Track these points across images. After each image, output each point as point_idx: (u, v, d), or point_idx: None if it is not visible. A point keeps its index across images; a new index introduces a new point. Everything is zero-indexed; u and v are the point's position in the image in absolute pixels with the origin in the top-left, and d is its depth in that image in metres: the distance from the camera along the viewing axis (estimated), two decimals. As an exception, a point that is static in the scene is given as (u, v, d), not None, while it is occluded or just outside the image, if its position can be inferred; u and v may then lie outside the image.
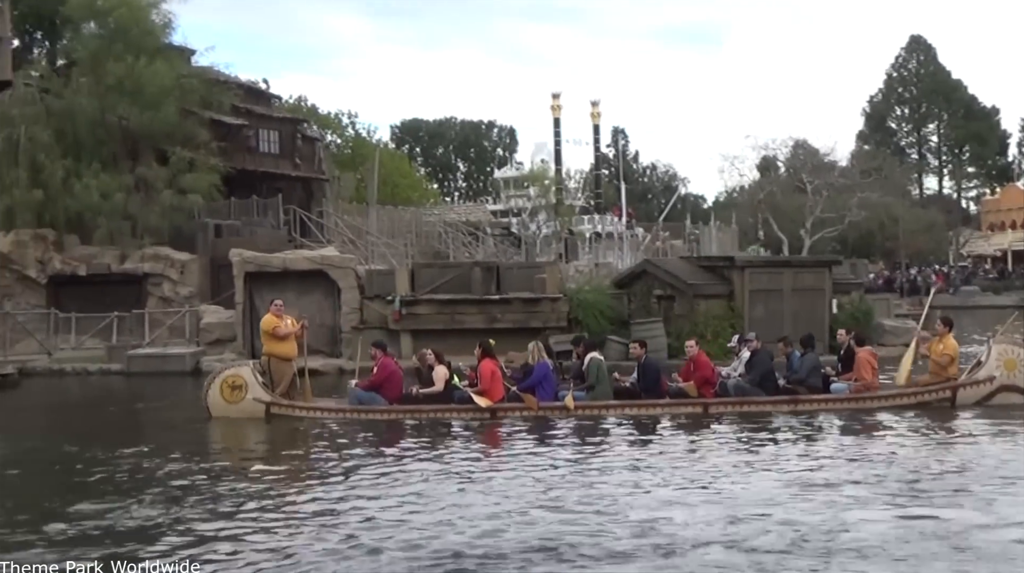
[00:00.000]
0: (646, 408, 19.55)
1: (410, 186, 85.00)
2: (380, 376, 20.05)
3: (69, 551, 10.02)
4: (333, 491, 12.92)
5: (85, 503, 12.31)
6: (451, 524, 10.89)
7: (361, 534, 10.54)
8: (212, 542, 10.43)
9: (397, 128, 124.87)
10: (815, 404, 19.61)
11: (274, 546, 10.25)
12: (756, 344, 20.85)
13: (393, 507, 11.82)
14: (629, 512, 11.27)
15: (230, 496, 12.72)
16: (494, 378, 19.55)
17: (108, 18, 42.98)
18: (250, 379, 19.98)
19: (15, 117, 40.76)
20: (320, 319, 33.65)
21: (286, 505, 12.29)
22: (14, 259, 39.32)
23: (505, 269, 35.47)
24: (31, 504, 12.82)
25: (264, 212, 44.62)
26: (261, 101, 54.24)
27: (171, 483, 13.70)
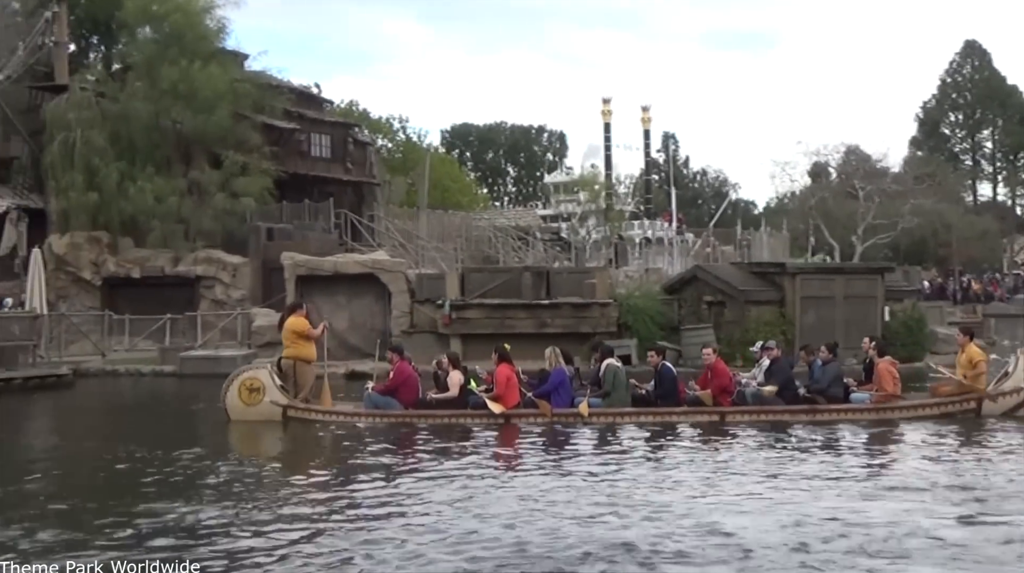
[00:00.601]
0: (662, 416, 19.25)
1: (460, 190, 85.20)
2: (396, 380, 20.04)
3: (129, 553, 10.08)
4: (388, 495, 12.95)
5: (146, 503, 12.41)
6: (511, 526, 10.88)
7: (424, 541, 10.54)
8: (276, 545, 10.48)
9: (447, 133, 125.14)
10: (834, 414, 19.21)
11: (334, 548, 10.28)
12: (776, 352, 20.48)
13: (448, 510, 11.83)
14: (695, 517, 11.18)
15: (284, 498, 12.79)
16: (509, 384, 19.42)
17: (163, 23, 43.45)
18: (268, 382, 19.97)
19: (71, 121, 41.24)
20: (370, 323, 33.83)
21: (339, 507, 12.31)
22: (69, 261, 39.77)
23: (555, 274, 35.45)
24: (93, 504, 12.91)
25: (316, 216, 44.83)
26: (313, 105, 54.51)
27: (225, 484, 13.78)
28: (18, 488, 13.84)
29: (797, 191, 78.30)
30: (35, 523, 11.35)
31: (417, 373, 20.76)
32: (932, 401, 19.62)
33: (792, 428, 18.15)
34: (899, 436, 17.52)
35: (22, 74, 46.13)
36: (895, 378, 19.82)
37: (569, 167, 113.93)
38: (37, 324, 32.56)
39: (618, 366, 20.13)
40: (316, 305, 33.81)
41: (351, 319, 34.06)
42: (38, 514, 11.97)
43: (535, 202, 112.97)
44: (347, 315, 34.11)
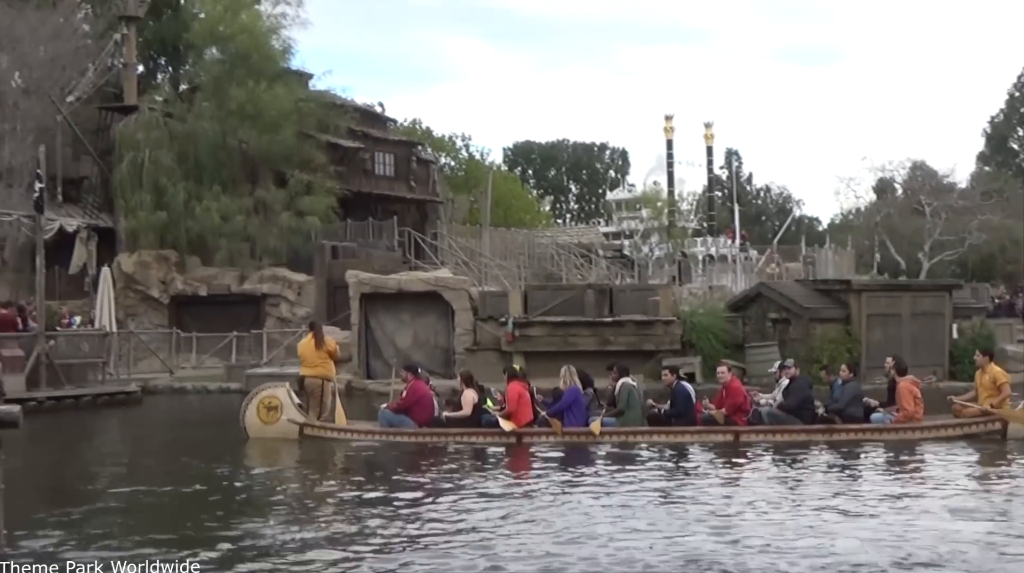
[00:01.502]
0: (675, 435, 18.98)
1: (522, 208, 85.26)
2: (410, 399, 20.10)
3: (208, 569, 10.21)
4: (435, 513, 13.00)
5: (222, 520, 12.55)
6: (604, 546, 10.86)
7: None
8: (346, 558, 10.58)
9: (510, 150, 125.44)
10: (852, 434, 18.77)
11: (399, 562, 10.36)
12: (793, 371, 20.15)
13: (509, 527, 11.86)
14: (788, 541, 11.09)
15: (347, 515, 12.88)
16: (521, 402, 19.32)
17: (230, 44, 43.96)
18: (285, 400, 20.12)
19: (140, 141, 41.87)
20: (434, 340, 33.95)
21: (395, 525, 12.39)
22: (138, 279, 40.34)
23: (618, 291, 35.40)
24: (169, 521, 13.07)
25: (379, 234, 45.14)
26: (377, 124, 54.90)
27: (297, 500, 13.90)
28: (93, 506, 14.04)
29: (862, 207, 77.91)
30: (111, 541, 11.52)
31: (434, 391, 20.92)
32: (955, 422, 19.18)
33: (808, 448, 17.87)
34: (923, 457, 17.12)
35: (92, 95, 46.90)
36: (916, 397, 19.25)
37: (631, 184, 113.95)
38: (106, 342, 33.02)
39: (633, 385, 19.95)
40: (380, 322, 34.11)
41: (415, 337, 34.19)
42: (109, 532, 12.14)
43: (597, 219, 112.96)
44: (411, 333, 34.24)
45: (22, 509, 12.15)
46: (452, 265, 43.70)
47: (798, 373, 20.28)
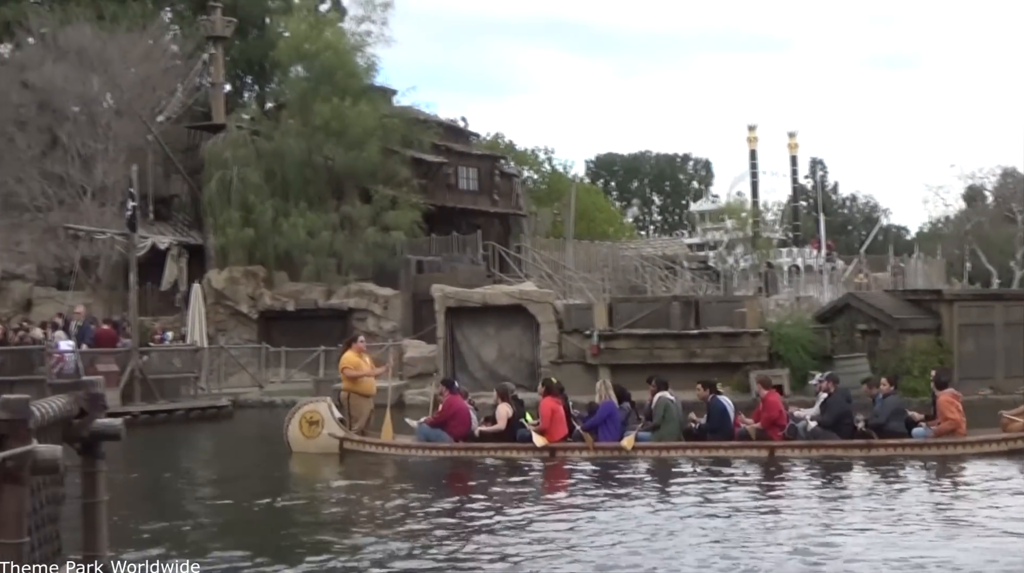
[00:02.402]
0: (709, 450, 18.77)
1: (606, 220, 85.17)
2: (445, 413, 20.17)
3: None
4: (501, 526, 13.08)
5: (309, 533, 12.74)
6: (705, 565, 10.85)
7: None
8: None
9: (592, 163, 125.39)
10: (892, 449, 18.29)
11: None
12: (830, 385, 19.82)
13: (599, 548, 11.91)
14: None
15: (439, 531, 13.00)
16: (554, 416, 19.30)
17: (315, 62, 44.47)
18: (327, 414, 20.36)
19: (228, 159, 42.45)
20: (519, 353, 34.07)
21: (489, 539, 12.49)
22: (227, 295, 40.92)
23: (704, 303, 35.29)
24: (262, 533, 13.30)
25: (464, 248, 45.35)
26: (460, 139, 55.18)
27: (382, 515, 14.06)
28: (187, 518, 14.30)
29: (951, 216, 76.81)
30: (204, 551, 11.75)
31: (472, 405, 21.02)
32: (1000, 437, 18.59)
33: (845, 464, 17.54)
34: (965, 472, 16.70)
35: (181, 115, 47.72)
36: (959, 410, 18.75)
37: (715, 195, 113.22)
38: (198, 357, 33.61)
39: (670, 399, 19.63)
40: (465, 336, 34.30)
41: (500, 350, 34.34)
42: (202, 544, 12.37)
43: (681, 231, 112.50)
44: (496, 346, 34.40)
45: (121, 521, 12.45)
46: (536, 278, 43.75)
47: (835, 387, 19.92)
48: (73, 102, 42.82)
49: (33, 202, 41.55)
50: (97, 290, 41.31)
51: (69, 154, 41.98)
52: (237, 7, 52.20)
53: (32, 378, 27.29)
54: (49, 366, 29.27)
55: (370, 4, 46.86)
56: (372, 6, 46.75)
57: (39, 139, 42.27)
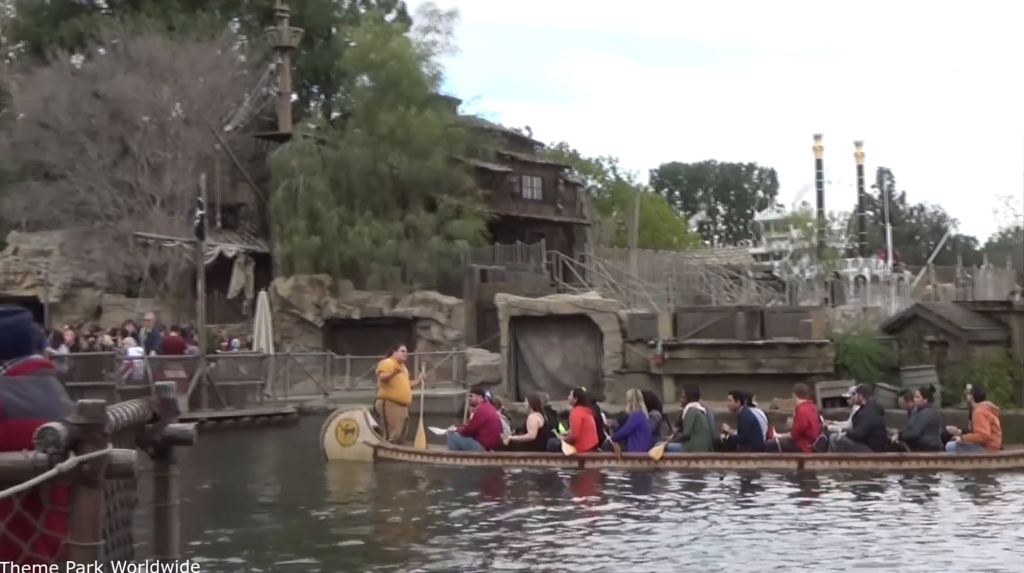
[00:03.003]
0: (738, 461, 18.76)
1: (670, 229, 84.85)
2: (476, 422, 20.46)
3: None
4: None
5: (375, 541, 12.80)
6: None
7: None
8: None
9: (656, 172, 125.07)
10: (924, 462, 18.03)
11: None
12: (862, 397, 19.64)
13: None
14: None
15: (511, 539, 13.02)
16: (584, 426, 19.43)
17: (380, 71, 44.65)
18: (362, 423, 20.60)
19: (294, 168, 42.74)
20: (583, 362, 34.08)
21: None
22: (293, 303, 41.21)
23: (769, 313, 35.09)
24: (326, 540, 13.37)
25: (527, 257, 45.35)
26: (525, 148, 55.20)
27: (451, 523, 14.09)
28: (254, 524, 14.41)
29: (1022, 226, 75.78)
30: (271, 557, 11.84)
31: (503, 414, 21.28)
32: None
33: (876, 477, 17.32)
34: (997, 486, 16.45)
35: (248, 124, 48.15)
36: (993, 423, 18.52)
37: (780, 204, 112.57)
38: (264, 364, 33.90)
39: (700, 410, 19.73)
40: (529, 345, 34.32)
41: (564, 359, 34.37)
42: (270, 549, 12.46)
43: (745, 240, 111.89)
44: (560, 355, 34.43)
45: (190, 526, 12.58)
46: (600, 287, 43.70)
47: (867, 399, 19.68)
48: (143, 112, 43.33)
49: (104, 210, 42.09)
50: (165, 297, 41.76)
51: (139, 163, 42.47)
52: (304, 17, 52.66)
53: (102, 384, 27.63)
54: (119, 372, 29.67)
55: (435, 14, 47.11)
56: (437, 16, 46.99)
57: (110, 148, 42.80)
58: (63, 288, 42.51)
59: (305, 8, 53.87)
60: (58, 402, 4.44)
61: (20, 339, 4.56)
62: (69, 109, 42.82)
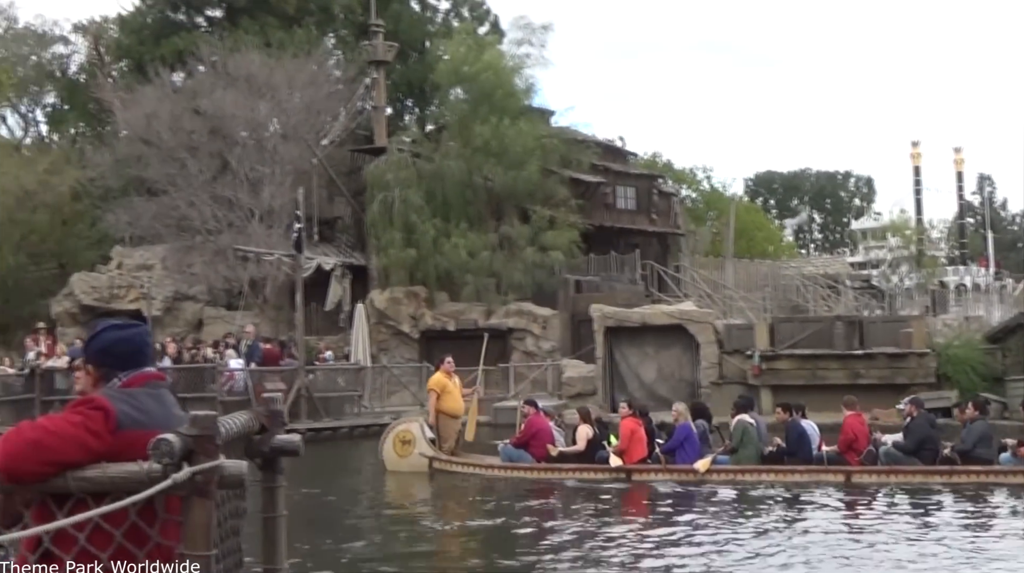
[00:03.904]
0: (784, 474, 18.47)
1: (766, 238, 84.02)
2: (526, 434, 20.64)
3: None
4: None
5: (473, 551, 12.86)
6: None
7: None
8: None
9: (751, 181, 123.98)
10: (975, 476, 17.50)
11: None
12: (912, 409, 19.16)
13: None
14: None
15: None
16: (633, 437, 19.47)
17: (474, 84, 44.79)
18: (418, 434, 20.98)
19: (390, 181, 43.02)
20: (679, 373, 33.91)
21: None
22: (389, 315, 41.48)
23: (868, 323, 34.69)
24: (429, 549, 13.47)
25: (622, 268, 45.18)
26: (618, 158, 55.02)
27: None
28: (357, 536, 14.54)
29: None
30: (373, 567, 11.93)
31: (558, 426, 21.58)
32: None
33: (926, 490, 16.94)
34: None
35: (344, 138, 48.54)
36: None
37: (877, 213, 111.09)
38: (361, 375, 34.19)
39: (749, 422, 19.55)
40: (624, 355, 34.21)
41: (659, 370, 34.22)
42: (371, 559, 12.56)
43: (842, 249, 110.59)
44: (655, 366, 34.28)
45: (292, 537, 12.73)
46: (695, 297, 43.40)
47: (919, 411, 19.20)
48: (242, 127, 43.91)
49: (204, 225, 42.72)
50: (264, 310, 42.24)
51: (238, 178, 43.04)
52: (398, 32, 53.06)
53: (204, 395, 28.11)
54: (220, 384, 30.14)
55: (529, 27, 47.26)
56: (531, 29, 47.14)
57: (210, 164, 43.45)
58: (165, 301, 43.21)
59: (399, 23, 54.33)
60: (171, 414, 4.53)
61: (135, 352, 4.65)
62: (170, 126, 43.55)
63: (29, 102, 60.03)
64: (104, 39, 56.61)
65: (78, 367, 4.75)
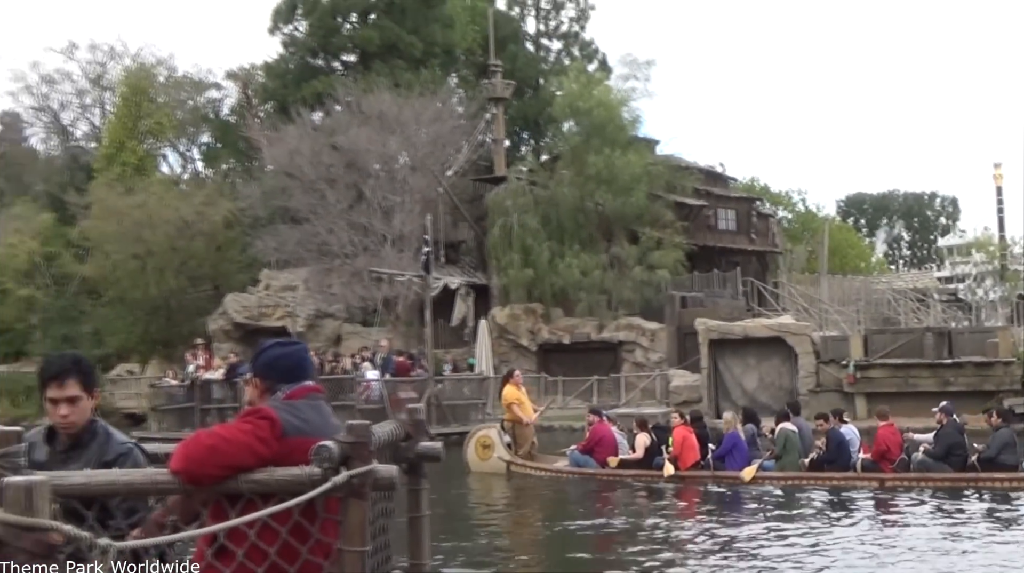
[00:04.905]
0: (822, 481, 18.18)
1: (858, 256, 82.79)
2: (591, 441, 20.68)
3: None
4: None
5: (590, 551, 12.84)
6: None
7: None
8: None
9: (842, 202, 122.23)
10: (999, 482, 16.95)
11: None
12: (942, 417, 18.41)
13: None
14: None
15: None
16: (685, 444, 19.39)
17: (586, 117, 44.85)
18: (497, 439, 21.26)
19: (509, 207, 43.22)
20: (778, 382, 33.46)
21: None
22: (509, 330, 41.60)
23: (956, 334, 33.87)
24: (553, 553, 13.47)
25: (723, 284, 44.83)
26: (719, 183, 54.66)
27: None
28: (482, 538, 14.58)
29: None
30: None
31: (620, 431, 21.49)
32: None
33: (955, 496, 16.38)
34: None
35: (467, 169, 48.92)
36: None
37: (962, 230, 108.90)
38: (484, 385, 34.27)
39: (791, 430, 19.33)
40: (727, 366, 33.88)
41: (760, 379, 33.80)
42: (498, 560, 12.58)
43: (930, 264, 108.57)
44: (756, 375, 33.87)
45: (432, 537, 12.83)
46: (793, 311, 42.89)
47: (948, 419, 18.53)
48: (375, 161, 44.49)
49: (342, 250, 43.32)
50: (396, 326, 42.65)
51: (372, 207, 43.59)
52: (515, 71, 53.42)
53: (343, 404, 28.40)
54: (358, 393, 30.47)
55: (635, 63, 47.35)
56: (636, 65, 47.21)
57: (346, 194, 44.08)
58: (308, 319, 43.87)
59: (516, 62, 54.74)
60: (328, 423, 4.61)
61: (296, 367, 4.76)
62: (311, 160, 44.29)
63: (187, 142, 61.49)
64: (252, 84, 57.74)
65: (247, 381, 4.85)
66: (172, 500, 4.44)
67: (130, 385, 40.85)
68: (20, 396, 42.04)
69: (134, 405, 38.65)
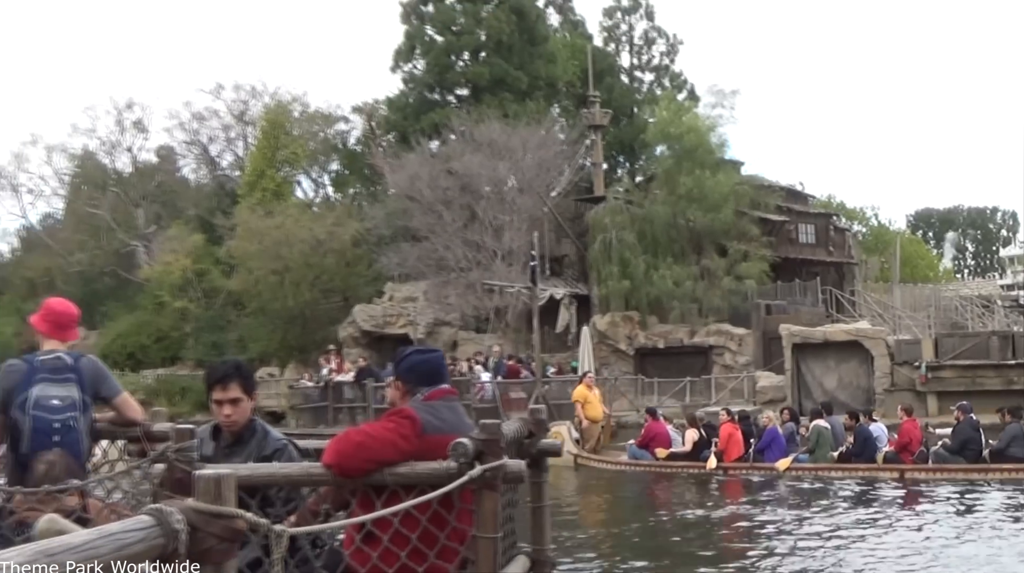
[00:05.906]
0: (848, 472, 18.43)
1: (927, 266, 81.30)
2: (647, 437, 21.63)
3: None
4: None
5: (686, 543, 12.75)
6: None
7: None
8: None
9: (912, 217, 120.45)
10: (1008, 473, 16.91)
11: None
12: (959, 414, 18.38)
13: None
14: None
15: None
16: (731, 440, 20.02)
17: (678, 142, 44.58)
18: (566, 434, 21.64)
19: (607, 224, 43.07)
20: (856, 382, 33.07)
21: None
22: (609, 336, 41.42)
23: (1019, 337, 33.05)
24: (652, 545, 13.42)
25: (804, 293, 44.21)
26: (799, 200, 53.91)
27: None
28: (594, 529, 14.54)
29: None
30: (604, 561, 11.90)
31: (674, 427, 22.45)
32: None
33: (971, 486, 16.36)
34: None
35: (569, 190, 48.89)
36: None
37: (1022, 241, 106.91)
38: (587, 386, 34.17)
39: (824, 427, 19.69)
40: (809, 367, 33.38)
41: (839, 379, 33.38)
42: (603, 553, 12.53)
43: (993, 273, 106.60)
44: (836, 376, 33.44)
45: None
46: (868, 317, 42.12)
47: (964, 415, 18.57)
48: (486, 184, 44.65)
49: (457, 264, 43.57)
50: (506, 333, 42.76)
51: (483, 225, 43.76)
52: (611, 100, 53.31)
53: (460, 403, 28.60)
54: (473, 394, 30.65)
55: (720, 93, 46.97)
56: (723, 95, 46.82)
57: (461, 214, 44.32)
58: (427, 327, 44.17)
59: (612, 93, 54.62)
60: (462, 422, 4.66)
61: (434, 371, 4.82)
62: (429, 184, 44.62)
63: (319, 170, 62.33)
64: (376, 117, 58.42)
65: (390, 383, 4.95)
66: (324, 490, 4.53)
67: (271, 386, 41.49)
68: (176, 396, 43.19)
69: (275, 404, 39.27)
